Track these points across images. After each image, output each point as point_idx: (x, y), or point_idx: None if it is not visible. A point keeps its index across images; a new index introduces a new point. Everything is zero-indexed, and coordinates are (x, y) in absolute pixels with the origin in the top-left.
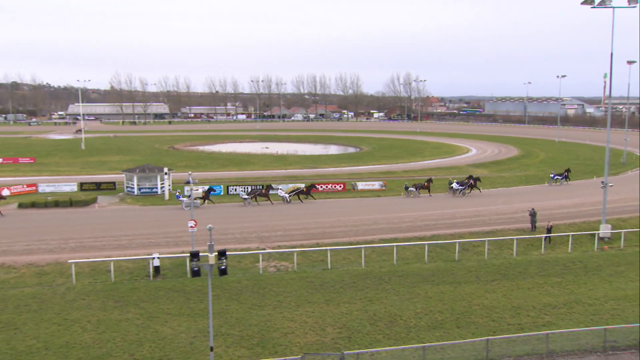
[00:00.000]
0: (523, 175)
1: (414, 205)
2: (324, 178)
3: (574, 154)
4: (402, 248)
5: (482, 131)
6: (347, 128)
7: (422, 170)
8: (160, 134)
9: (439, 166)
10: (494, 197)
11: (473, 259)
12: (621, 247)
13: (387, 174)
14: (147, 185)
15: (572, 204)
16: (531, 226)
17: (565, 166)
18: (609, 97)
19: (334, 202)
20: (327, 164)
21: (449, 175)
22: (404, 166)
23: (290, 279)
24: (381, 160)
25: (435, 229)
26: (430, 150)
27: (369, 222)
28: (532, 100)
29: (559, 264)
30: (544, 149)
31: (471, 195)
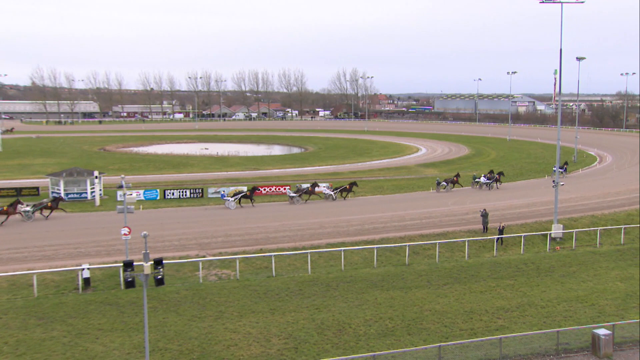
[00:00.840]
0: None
1: (362, 207)
2: (267, 180)
3: (525, 152)
4: (350, 252)
5: (431, 129)
6: (292, 127)
7: (370, 171)
8: (90, 134)
9: (388, 166)
10: (444, 198)
11: (424, 262)
12: (573, 248)
13: (333, 175)
14: (76, 191)
15: (524, 204)
16: (483, 227)
17: (516, 165)
18: (559, 94)
19: (278, 205)
20: (271, 165)
21: (398, 176)
22: (351, 167)
23: (233, 288)
24: (327, 161)
25: (384, 232)
26: (378, 150)
27: (315, 226)
28: (482, 98)
29: (512, 266)
30: (495, 148)
31: (420, 197)
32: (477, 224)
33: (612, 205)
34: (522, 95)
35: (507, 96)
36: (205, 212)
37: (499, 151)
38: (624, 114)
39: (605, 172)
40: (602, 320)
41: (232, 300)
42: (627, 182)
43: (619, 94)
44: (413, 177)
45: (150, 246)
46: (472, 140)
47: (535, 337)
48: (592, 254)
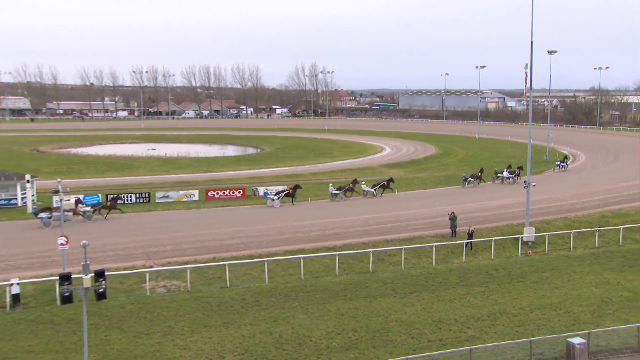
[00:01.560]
0: (442, 176)
1: (323, 212)
2: (221, 183)
3: (495, 151)
4: (310, 260)
5: (396, 128)
6: (247, 126)
7: (332, 172)
8: (20, 133)
9: (350, 167)
10: (410, 200)
11: (389, 269)
12: (546, 252)
13: (292, 177)
14: (4, 196)
15: (494, 206)
16: (451, 231)
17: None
18: (530, 89)
19: (233, 210)
20: (224, 167)
21: (362, 177)
22: (311, 168)
23: (183, 300)
24: (285, 162)
25: (346, 238)
26: (340, 150)
27: (273, 232)
28: (450, 93)
29: (482, 272)
30: (464, 147)
31: (386, 200)
32: (445, 228)
33: (586, 206)
34: (491, 91)
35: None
36: (152, 219)
37: (467, 150)
38: (598, 110)
39: (579, 171)
40: (576, 328)
41: (182, 314)
42: (601, 182)
43: (592, 89)
44: (377, 178)
45: (90, 257)
46: (440, 138)
47: (507, 348)
48: (565, 258)
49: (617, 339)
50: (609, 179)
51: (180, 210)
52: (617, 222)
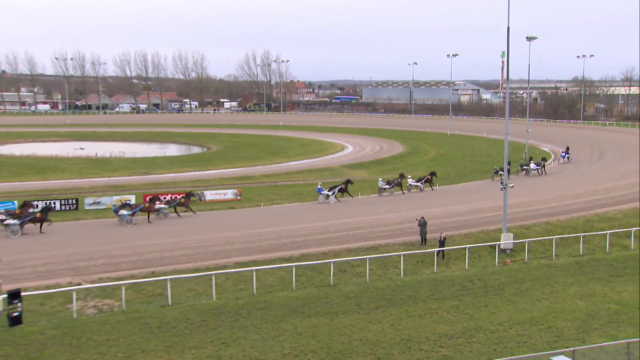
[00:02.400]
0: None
1: (278, 218)
2: (161, 187)
3: (468, 149)
4: (264, 273)
5: (359, 123)
6: (191, 122)
7: (287, 174)
8: None
9: (308, 168)
10: (375, 204)
11: (352, 282)
12: (525, 260)
13: (242, 180)
14: None
15: (468, 210)
16: (421, 239)
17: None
18: (507, 80)
19: (175, 217)
20: (165, 169)
21: (320, 179)
22: (264, 169)
23: (117, 323)
24: (235, 163)
25: (304, 247)
26: (296, 149)
27: (221, 242)
28: (418, 85)
29: (455, 284)
30: (434, 144)
31: (348, 204)
32: (414, 235)
33: (569, 209)
34: (464, 82)
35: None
36: (81, 228)
37: (438, 148)
38: (581, 103)
39: (561, 171)
40: (560, 345)
41: (115, 338)
42: (586, 183)
43: (576, 79)
44: (338, 180)
45: (4, 275)
46: (407, 135)
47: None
48: (547, 267)
49: (605, 357)
50: (594, 179)
51: (114, 219)
52: (603, 226)
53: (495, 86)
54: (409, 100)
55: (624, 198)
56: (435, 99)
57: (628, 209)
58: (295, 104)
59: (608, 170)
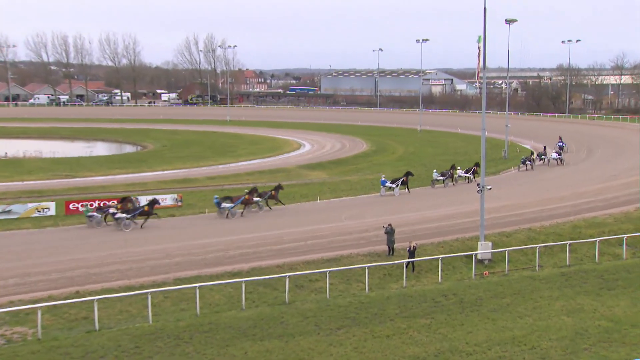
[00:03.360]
0: (375, 179)
1: (225, 226)
2: (87, 192)
3: (441, 147)
4: (209, 290)
5: (318, 118)
6: (122, 116)
7: (236, 176)
8: None
9: (260, 169)
10: (336, 209)
11: (310, 299)
12: (505, 272)
13: (184, 183)
14: None
15: (441, 216)
16: (388, 249)
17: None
18: (483, 69)
19: (104, 227)
20: (92, 171)
21: (274, 182)
22: (208, 170)
23: (31, 354)
24: (175, 164)
25: (255, 259)
26: (246, 147)
27: (159, 255)
28: (384, 74)
29: (427, 300)
30: (403, 142)
31: (305, 210)
32: (380, 245)
33: (554, 214)
34: (436, 70)
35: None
36: None
37: (407, 146)
38: (567, 94)
39: (544, 171)
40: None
41: None
42: (573, 184)
43: (560, 67)
44: (294, 182)
45: None
46: (372, 131)
47: None
48: (530, 279)
49: None
50: (582, 180)
51: (30, 230)
52: (592, 233)
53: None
54: (374, 92)
55: (615, 201)
56: (404, 90)
57: (619, 213)
58: (244, 95)
59: (597, 170)
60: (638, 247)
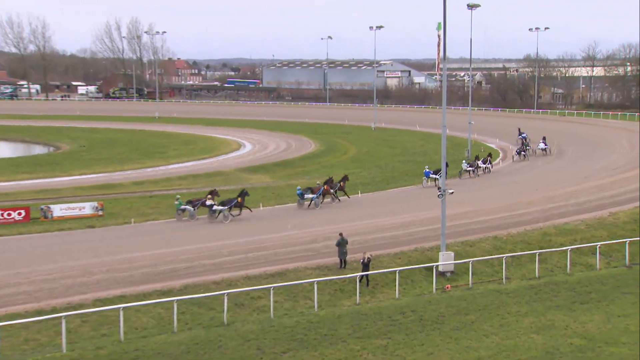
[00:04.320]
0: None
1: (154, 238)
2: None
3: (398, 147)
4: (135, 311)
5: (260, 114)
6: (30, 112)
7: (167, 181)
8: None
9: (194, 172)
10: (281, 218)
11: (252, 319)
12: (469, 286)
13: (106, 189)
14: None
15: (398, 224)
16: (340, 261)
17: (386, 166)
18: (443, 59)
19: (9, 241)
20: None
21: (210, 187)
22: (135, 174)
23: None
24: (94, 167)
25: (188, 275)
26: (178, 148)
27: (76, 272)
28: (334, 66)
29: (383, 318)
30: (355, 141)
31: (245, 219)
32: (330, 257)
33: (522, 221)
34: (392, 61)
35: (370, 63)
36: None
37: (360, 145)
38: (535, 87)
39: (511, 172)
40: None
41: None
42: (542, 187)
43: (528, 58)
44: (233, 188)
45: None
46: (321, 129)
47: None
48: (496, 293)
49: None
50: (551, 182)
51: None
52: (563, 241)
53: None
54: (323, 85)
55: (588, 205)
56: (356, 83)
57: (592, 219)
58: (175, 89)
59: (568, 171)
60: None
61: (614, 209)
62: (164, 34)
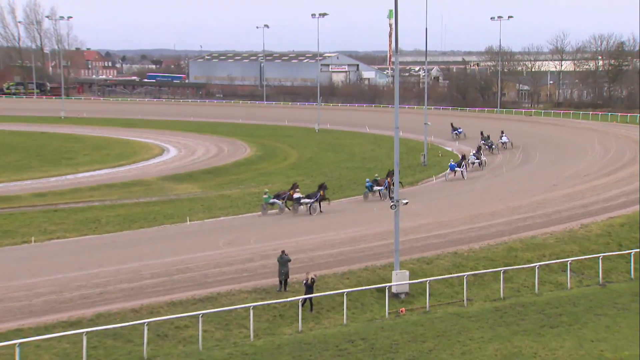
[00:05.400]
0: (263, 192)
1: (60, 260)
2: None
3: (346, 151)
4: (35, 347)
5: (186, 114)
6: None
7: (75, 192)
8: None
9: (108, 182)
10: (211, 233)
11: (177, 352)
12: (427, 309)
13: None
14: None
15: (346, 239)
16: (280, 283)
17: (332, 173)
18: (395, 52)
19: None
20: None
21: (128, 198)
22: (36, 185)
23: None
24: None
25: (101, 303)
26: (89, 153)
27: None
28: (272, 58)
29: (329, 347)
30: (297, 145)
31: (169, 235)
32: (269, 277)
33: (485, 234)
34: (337, 54)
35: (313, 56)
36: None
37: (302, 150)
38: (499, 83)
39: (472, 180)
40: None
41: None
42: (506, 196)
43: (490, 51)
44: (156, 199)
45: None
46: (258, 131)
47: None
48: (456, 317)
49: None
50: (517, 191)
51: None
52: (530, 257)
53: (380, 60)
54: (259, 81)
55: (557, 217)
56: (297, 78)
57: (562, 232)
58: (85, 84)
59: (535, 178)
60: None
61: (586, 221)
62: (70, 19)
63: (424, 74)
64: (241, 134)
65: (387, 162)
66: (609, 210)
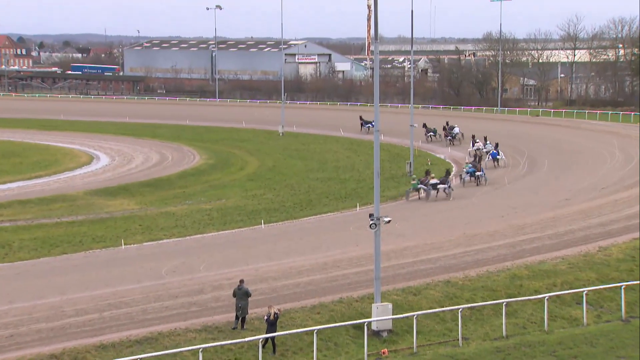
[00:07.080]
0: (215, 209)
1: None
2: None
3: (315, 159)
4: None
5: (121, 114)
6: None
7: None
8: None
9: (23, 197)
10: (152, 259)
11: None
12: (414, 350)
13: None
14: None
15: (316, 265)
16: (236, 319)
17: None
18: (375, 40)
19: None
20: None
21: (48, 218)
22: None
23: None
24: None
25: (11, 349)
26: None
27: None
28: (226, 47)
29: None
30: (257, 151)
31: (102, 262)
32: (223, 313)
33: (483, 258)
34: (306, 42)
35: (276, 44)
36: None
37: (263, 157)
38: (498, 77)
39: (467, 193)
40: None
41: None
42: (508, 212)
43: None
44: (82, 218)
45: None
46: (209, 135)
47: None
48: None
49: None
50: (521, 206)
51: None
52: (538, 286)
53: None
54: (210, 73)
55: (570, 237)
56: (257, 71)
57: (576, 256)
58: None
59: (542, 191)
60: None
61: (605, 242)
62: None
63: (409, 66)
64: (188, 138)
65: (366, 172)
66: (632, 230)
